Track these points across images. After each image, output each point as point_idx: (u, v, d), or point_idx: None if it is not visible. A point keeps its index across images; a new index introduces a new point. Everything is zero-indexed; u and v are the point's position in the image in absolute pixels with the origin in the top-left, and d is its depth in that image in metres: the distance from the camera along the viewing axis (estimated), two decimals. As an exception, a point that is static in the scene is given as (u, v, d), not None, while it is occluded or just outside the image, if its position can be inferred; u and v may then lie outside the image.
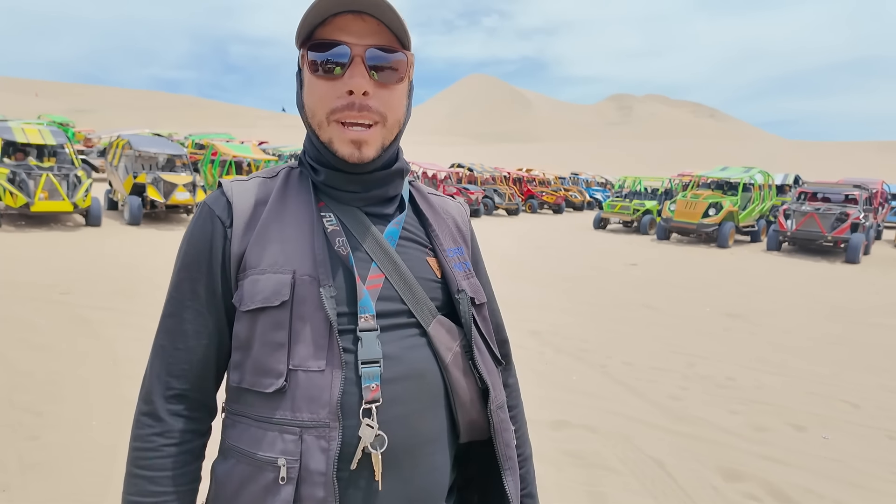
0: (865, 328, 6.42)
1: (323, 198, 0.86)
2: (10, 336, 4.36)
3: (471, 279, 0.91)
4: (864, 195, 13.38)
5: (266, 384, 0.76)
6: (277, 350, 0.76)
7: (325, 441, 0.73)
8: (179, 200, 11.49)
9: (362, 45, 0.77)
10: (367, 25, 0.77)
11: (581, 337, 5.43)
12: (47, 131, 10.97)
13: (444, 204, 0.99)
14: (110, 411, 3.25)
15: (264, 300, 0.76)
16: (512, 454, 0.89)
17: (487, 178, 22.77)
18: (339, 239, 0.82)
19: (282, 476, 0.73)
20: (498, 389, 0.88)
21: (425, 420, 0.80)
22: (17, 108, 77.54)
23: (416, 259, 0.86)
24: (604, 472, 2.94)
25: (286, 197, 0.85)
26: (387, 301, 0.80)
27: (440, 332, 0.83)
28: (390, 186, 0.88)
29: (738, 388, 4.27)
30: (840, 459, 3.23)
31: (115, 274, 6.74)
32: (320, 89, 0.79)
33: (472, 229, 1.03)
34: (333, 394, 0.74)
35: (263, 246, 0.80)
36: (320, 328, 0.76)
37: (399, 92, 0.82)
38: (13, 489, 2.45)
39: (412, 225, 0.90)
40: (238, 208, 0.82)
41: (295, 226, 0.82)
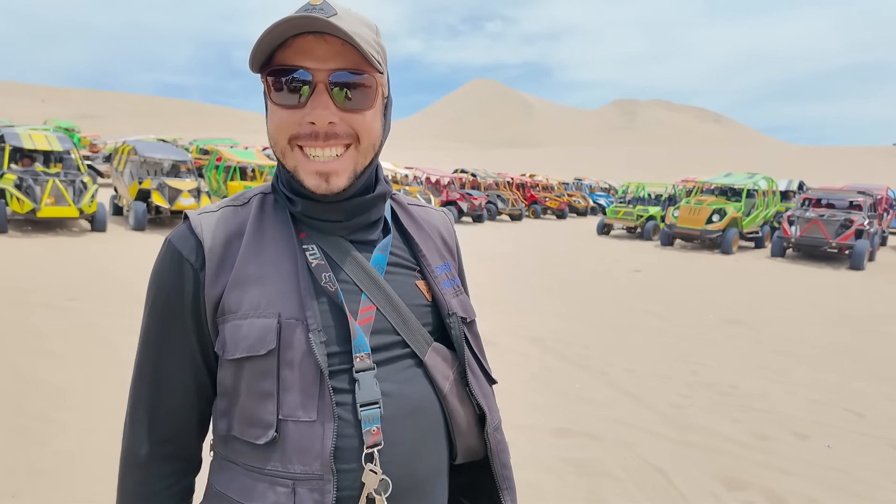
0: (870, 336, 6.41)
1: (303, 228, 0.80)
2: (19, 342, 4.41)
3: (460, 296, 0.88)
4: (868, 201, 13.36)
5: (256, 435, 0.73)
6: (265, 400, 0.72)
7: (318, 494, 0.70)
8: (184, 206, 11.57)
9: (325, 69, 0.71)
10: (331, 47, 0.71)
11: (583, 344, 5.45)
12: (54, 137, 11.08)
13: (429, 216, 0.95)
14: (118, 418, 3.28)
15: (249, 348, 0.72)
16: (509, 474, 0.88)
17: (491, 184, 22.82)
18: (326, 274, 0.76)
19: None
20: (494, 412, 0.87)
21: (426, 454, 0.79)
22: (23, 114, 78.20)
23: (406, 285, 0.83)
24: (605, 480, 2.96)
25: (262, 228, 0.79)
26: (380, 334, 0.77)
27: (436, 361, 0.81)
28: (373, 211, 0.83)
29: (741, 396, 4.28)
30: (843, 469, 3.24)
31: (121, 280, 6.79)
32: (280, 116, 0.74)
33: (457, 239, 0.99)
34: (326, 445, 0.71)
35: (243, 288, 0.74)
36: (310, 376, 0.72)
37: (370, 114, 0.76)
38: (23, 495, 2.49)
39: (398, 247, 0.86)
40: (209, 247, 0.76)
41: (276, 262, 0.76)
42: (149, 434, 0.79)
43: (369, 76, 0.74)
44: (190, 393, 0.80)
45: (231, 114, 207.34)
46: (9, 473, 2.64)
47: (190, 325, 0.77)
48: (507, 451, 0.89)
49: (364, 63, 0.72)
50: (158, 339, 0.79)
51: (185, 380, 0.79)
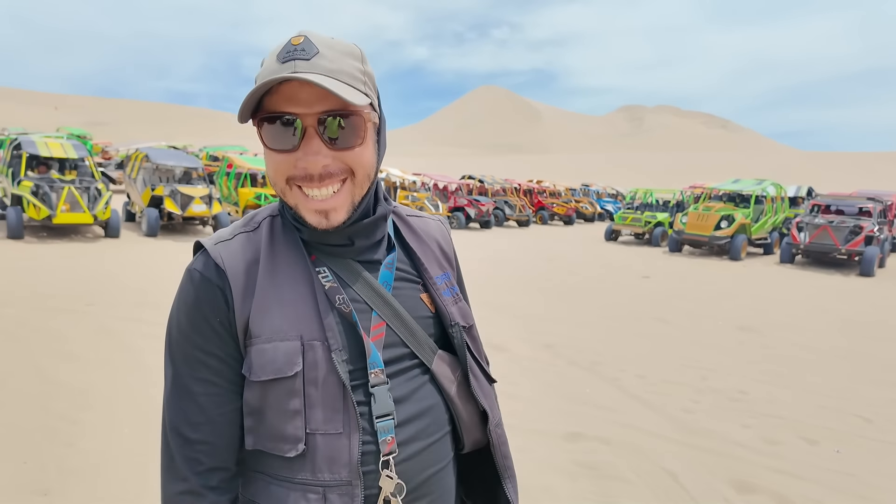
0: (879, 342, 6.41)
1: (313, 251, 0.84)
2: (42, 346, 4.53)
3: (459, 304, 0.94)
4: (878, 207, 13.31)
5: (285, 449, 0.77)
6: (293, 417, 0.77)
7: (348, 497, 0.76)
8: (196, 213, 11.73)
9: (312, 113, 0.73)
10: (315, 90, 0.73)
11: (594, 350, 5.50)
12: (69, 145, 11.29)
13: (427, 227, 0.98)
14: (141, 419, 3.38)
15: (277, 371, 0.76)
16: (510, 464, 0.96)
17: (498, 190, 22.90)
18: (340, 296, 0.81)
19: None
20: (494, 409, 0.95)
21: (436, 451, 0.86)
22: (36, 121, 79.24)
23: (411, 298, 0.88)
24: (617, 483, 3.01)
25: (275, 253, 0.82)
26: (391, 348, 0.83)
27: (442, 368, 0.88)
28: (376, 232, 0.87)
29: (751, 402, 4.32)
30: (852, 473, 3.27)
31: (136, 285, 6.92)
32: (276, 160, 0.77)
33: (454, 247, 1.03)
34: (353, 454, 0.76)
35: (264, 313, 0.78)
36: (334, 392, 0.77)
37: (362, 149, 0.78)
38: (54, 493, 2.58)
39: (402, 261, 0.91)
40: (232, 274, 0.79)
41: (292, 286, 0.80)
42: (196, 463, 0.80)
43: (356, 115, 0.75)
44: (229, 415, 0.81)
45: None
46: (39, 472, 2.74)
47: (225, 347, 0.80)
48: (506, 443, 0.97)
49: (348, 104, 0.73)
50: (195, 364, 0.80)
51: (224, 404, 0.81)
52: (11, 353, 4.32)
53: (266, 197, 13.42)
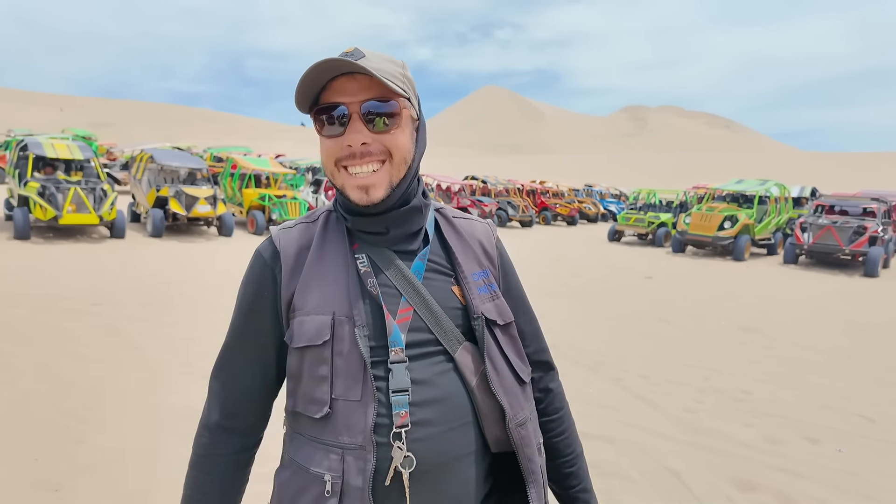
0: (883, 343, 6.41)
1: (357, 240, 0.95)
2: (51, 345, 4.58)
3: (496, 300, 0.97)
4: (882, 208, 13.29)
5: (314, 411, 0.89)
6: (322, 382, 0.88)
7: (362, 462, 0.84)
8: (201, 213, 11.79)
9: (356, 101, 0.86)
10: (359, 83, 0.86)
11: (597, 350, 5.52)
12: (75, 146, 11.36)
13: (471, 227, 1.05)
14: (149, 417, 3.42)
15: (309, 340, 0.88)
16: (535, 468, 0.95)
17: (501, 191, 22.92)
18: (371, 280, 0.91)
19: (327, 490, 0.85)
20: (518, 408, 0.94)
21: (454, 439, 0.88)
22: (42, 122, 79.69)
23: (442, 290, 0.94)
24: (620, 482, 3.04)
25: (325, 242, 0.95)
26: (416, 332, 0.90)
27: (466, 358, 0.92)
28: (411, 223, 0.96)
29: (753, 402, 4.33)
30: (854, 472, 3.29)
31: (142, 286, 6.97)
32: (326, 145, 0.90)
33: (502, 249, 1.08)
34: (368, 422, 0.85)
35: (307, 290, 0.91)
36: (356, 364, 0.87)
37: (399, 133, 0.89)
38: (65, 488, 2.63)
39: (437, 255, 0.97)
40: (284, 256, 0.94)
41: (332, 269, 0.92)
42: (220, 407, 0.97)
43: (394, 101, 0.87)
44: (258, 381, 0.98)
45: (244, 122, 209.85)
46: (51, 468, 2.78)
47: (268, 320, 0.95)
48: (532, 445, 0.95)
49: (389, 92, 0.87)
50: (240, 331, 0.97)
51: (258, 370, 0.97)
52: (21, 353, 4.37)
53: (270, 197, 13.48)
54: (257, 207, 13.79)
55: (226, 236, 12.33)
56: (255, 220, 13.12)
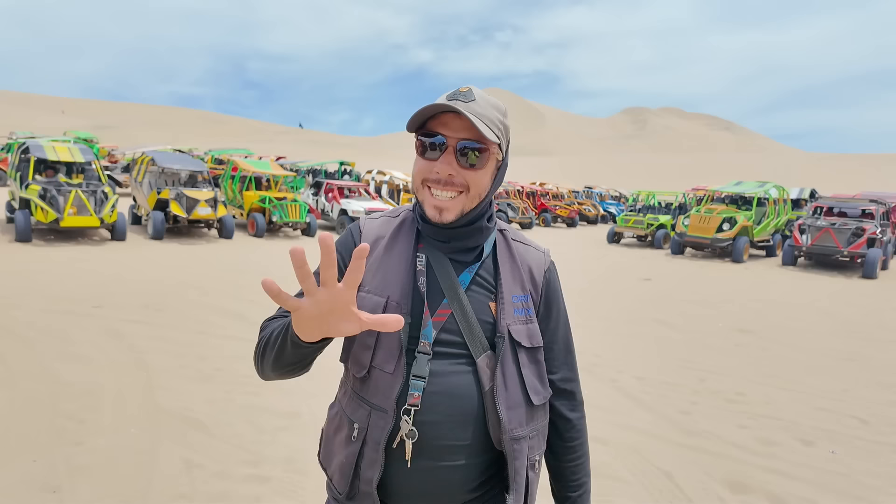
0: (879, 344, 6.43)
1: (423, 241, 1.11)
2: (50, 347, 4.61)
3: (530, 325, 1.09)
4: (881, 210, 13.30)
5: (357, 370, 1.07)
6: (367, 350, 1.05)
7: (383, 422, 1.02)
8: (201, 215, 11.84)
9: (455, 137, 1.02)
10: (462, 122, 1.01)
11: (593, 351, 5.54)
12: (76, 149, 11.41)
13: (526, 253, 1.16)
14: (147, 419, 3.45)
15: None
16: (520, 480, 1.05)
17: (501, 192, 22.94)
18: (422, 278, 1.07)
19: (353, 435, 1.05)
20: (516, 423, 1.03)
21: (455, 430, 1.02)
22: (44, 125, 79.89)
23: (480, 302, 1.07)
24: (614, 483, 3.06)
25: (398, 236, 1.13)
26: (448, 332, 1.04)
27: (485, 365, 1.04)
28: (470, 240, 1.10)
29: (748, 403, 4.36)
30: (846, 473, 3.31)
31: (142, 288, 7.01)
32: (420, 164, 1.06)
33: (552, 278, 1.17)
34: (394, 391, 1.02)
35: (373, 272, 1.09)
36: (394, 344, 1.03)
37: (482, 172, 1.05)
38: (63, 490, 2.65)
39: (486, 271, 1.11)
40: (364, 238, 1.13)
41: (397, 261, 1.09)
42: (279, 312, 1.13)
43: (485, 147, 1.02)
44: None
45: (245, 124, 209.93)
46: (49, 470, 2.81)
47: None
48: (522, 459, 1.05)
49: (484, 137, 1.01)
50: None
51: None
52: (20, 355, 4.40)
53: (270, 200, 13.52)
54: (258, 210, 13.83)
55: (226, 238, 12.37)
56: (256, 222, 13.16)
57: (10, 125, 79.82)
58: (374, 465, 1.02)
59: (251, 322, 5.80)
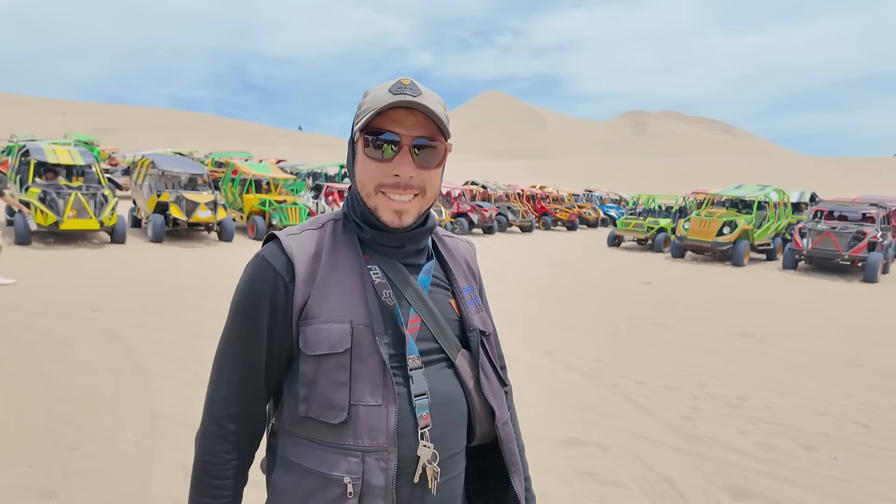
0: (881, 349, 6.40)
1: (367, 251, 1.00)
2: (47, 351, 4.59)
3: (481, 313, 1.08)
4: (881, 213, 13.29)
5: (331, 416, 0.91)
6: (340, 388, 0.91)
7: (383, 462, 0.90)
8: (201, 218, 11.82)
9: (410, 135, 0.93)
10: (416, 119, 0.93)
11: (593, 356, 5.52)
12: (76, 152, 11.42)
13: (457, 245, 1.15)
14: (144, 424, 3.43)
15: (330, 347, 0.91)
16: (517, 460, 1.07)
17: (501, 196, 22.94)
18: (386, 291, 0.96)
19: (349, 492, 0.89)
20: (503, 409, 1.06)
21: (455, 435, 0.99)
22: (44, 128, 79.97)
23: (443, 302, 1.03)
24: (614, 489, 3.04)
25: (336, 250, 0.98)
26: (424, 341, 0.97)
27: (464, 364, 1.01)
28: (422, 240, 1.04)
29: (749, 408, 4.33)
30: (849, 480, 3.29)
31: (141, 291, 6.99)
32: (371, 167, 0.95)
33: (478, 265, 1.19)
34: (390, 423, 0.90)
35: (323, 298, 0.93)
36: (376, 369, 0.92)
37: (436, 172, 0.98)
38: (59, 496, 2.63)
39: (437, 270, 1.07)
40: (298, 262, 0.94)
41: (348, 278, 0.96)
42: (230, 414, 0.95)
43: (440, 143, 0.96)
44: (264, 384, 0.97)
45: (245, 127, 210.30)
46: (45, 475, 2.79)
47: (275, 327, 0.95)
48: (514, 441, 1.08)
49: (438, 133, 0.95)
50: (248, 337, 0.95)
51: (263, 373, 0.96)
52: (18, 358, 4.38)
53: (270, 203, 13.51)
54: (258, 213, 13.82)
55: (226, 241, 12.35)
56: (256, 225, 13.14)
57: (10, 128, 79.87)
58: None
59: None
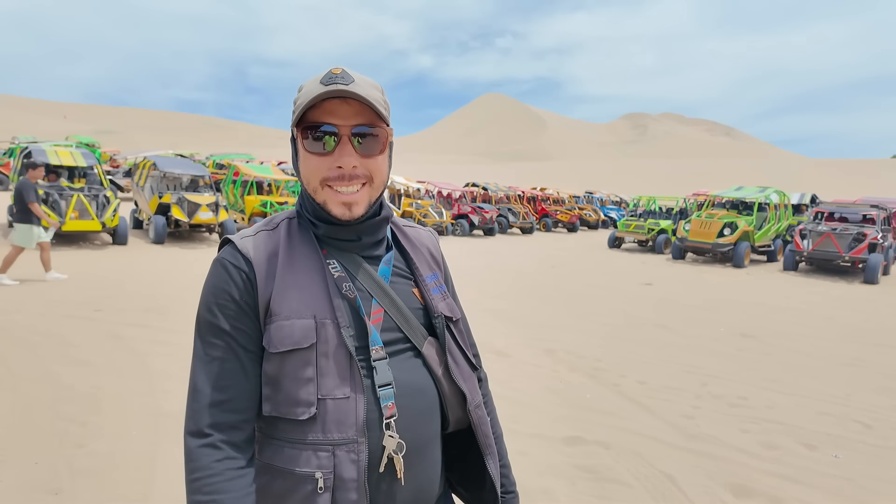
0: (881, 349, 6.41)
1: (325, 246, 1.00)
2: (51, 351, 4.61)
3: (447, 300, 1.08)
4: (882, 215, 13.30)
5: (299, 413, 0.89)
6: (307, 384, 0.89)
7: (354, 454, 0.89)
8: (203, 220, 11.86)
9: (348, 125, 0.92)
10: (352, 108, 0.92)
11: (595, 356, 5.53)
12: (78, 154, 11.46)
13: (418, 235, 1.14)
14: (148, 422, 3.45)
15: (295, 343, 0.89)
16: (491, 442, 1.07)
17: (502, 197, 22.98)
18: (346, 284, 0.96)
19: (319, 486, 0.87)
20: (474, 392, 1.06)
21: (426, 424, 0.98)
22: (46, 130, 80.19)
23: (405, 292, 1.02)
24: (616, 486, 3.05)
25: (293, 248, 0.97)
26: (388, 331, 0.97)
27: (431, 352, 1.01)
28: (379, 231, 1.03)
29: (751, 408, 4.34)
30: (850, 478, 3.30)
31: (143, 292, 7.01)
32: (313, 162, 0.94)
33: (442, 253, 1.19)
34: (359, 415, 0.90)
35: (283, 295, 0.92)
36: (342, 362, 0.91)
37: (381, 159, 0.97)
38: (65, 493, 2.65)
39: (397, 260, 1.06)
40: (256, 262, 0.93)
41: (307, 274, 0.95)
42: (217, 421, 0.89)
43: (381, 129, 0.95)
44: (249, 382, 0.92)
45: (247, 129, 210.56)
46: (50, 472, 2.81)
47: (248, 324, 0.93)
48: (487, 423, 1.08)
49: (377, 119, 0.94)
50: (222, 337, 0.92)
51: (245, 372, 0.92)
52: (22, 358, 4.40)
53: (272, 204, 13.54)
54: (259, 214, 13.85)
55: (227, 243, 12.39)
56: (257, 226, 13.17)
57: (12, 130, 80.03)
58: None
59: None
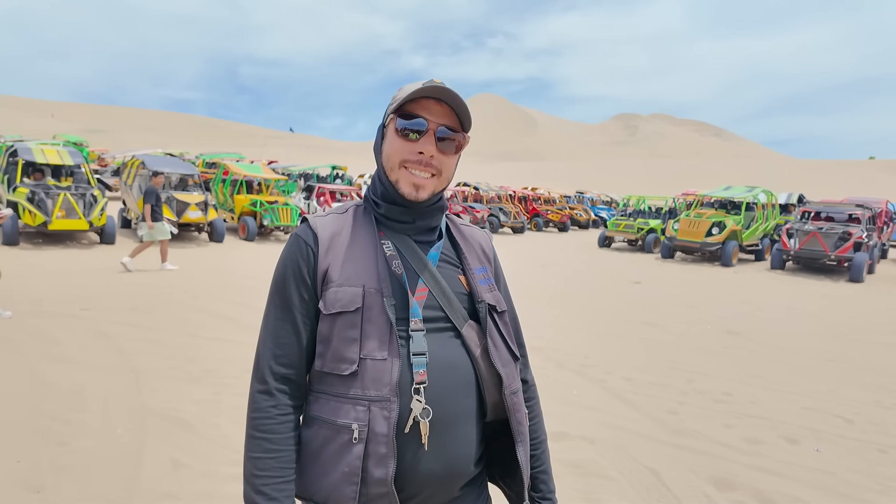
0: (864, 346, 6.51)
1: (382, 229, 1.14)
2: (35, 349, 4.57)
3: (493, 292, 1.18)
4: (867, 214, 13.48)
5: (343, 368, 1.04)
6: (352, 343, 1.04)
7: (386, 411, 1.00)
8: (192, 219, 11.78)
9: (436, 122, 1.08)
10: (442, 109, 1.08)
11: (582, 353, 5.57)
12: (65, 152, 11.34)
13: (472, 232, 1.27)
14: (134, 420, 3.43)
15: (343, 306, 1.04)
16: (524, 430, 1.13)
17: (493, 197, 23.02)
18: (396, 262, 1.10)
19: (354, 437, 1.00)
20: (511, 378, 1.13)
21: (458, 400, 1.06)
22: (33, 128, 79.14)
23: (451, 277, 1.14)
24: (600, 481, 3.08)
25: (356, 229, 1.14)
26: (430, 309, 1.08)
27: (470, 333, 1.10)
28: (433, 219, 1.16)
29: (735, 403, 4.40)
30: (831, 471, 3.35)
31: (131, 291, 6.96)
32: (398, 144, 1.09)
33: (496, 253, 1.30)
34: (393, 376, 1.01)
35: (341, 265, 1.08)
36: (383, 328, 1.04)
37: (453, 159, 1.13)
38: (47, 490, 2.63)
39: (448, 249, 1.18)
40: (322, 237, 1.11)
41: (363, 250, 1.10)
42: (275, 372, 1.07)
43: (460, 134, 1.11)
44: (305, 341, 1.10)
45: (237, 128, 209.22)
46: (33, 470, 2.79)
47: (309, 289, 1.09)
48: (522, 411, 1.15)
49: (459, 126, 1.10)
50: (288, 299, 1.09)
51: (304, 331, 1.10)
52: (5, 356, 4.36)
53: (261, 203, 13.48)
54: (249, 213, 13.78)
55: (217, 242, 12.32)
56: (247, 225, 13.11)
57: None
58: (384, 461, 0.99)
59: (241, 325, 5.78)
